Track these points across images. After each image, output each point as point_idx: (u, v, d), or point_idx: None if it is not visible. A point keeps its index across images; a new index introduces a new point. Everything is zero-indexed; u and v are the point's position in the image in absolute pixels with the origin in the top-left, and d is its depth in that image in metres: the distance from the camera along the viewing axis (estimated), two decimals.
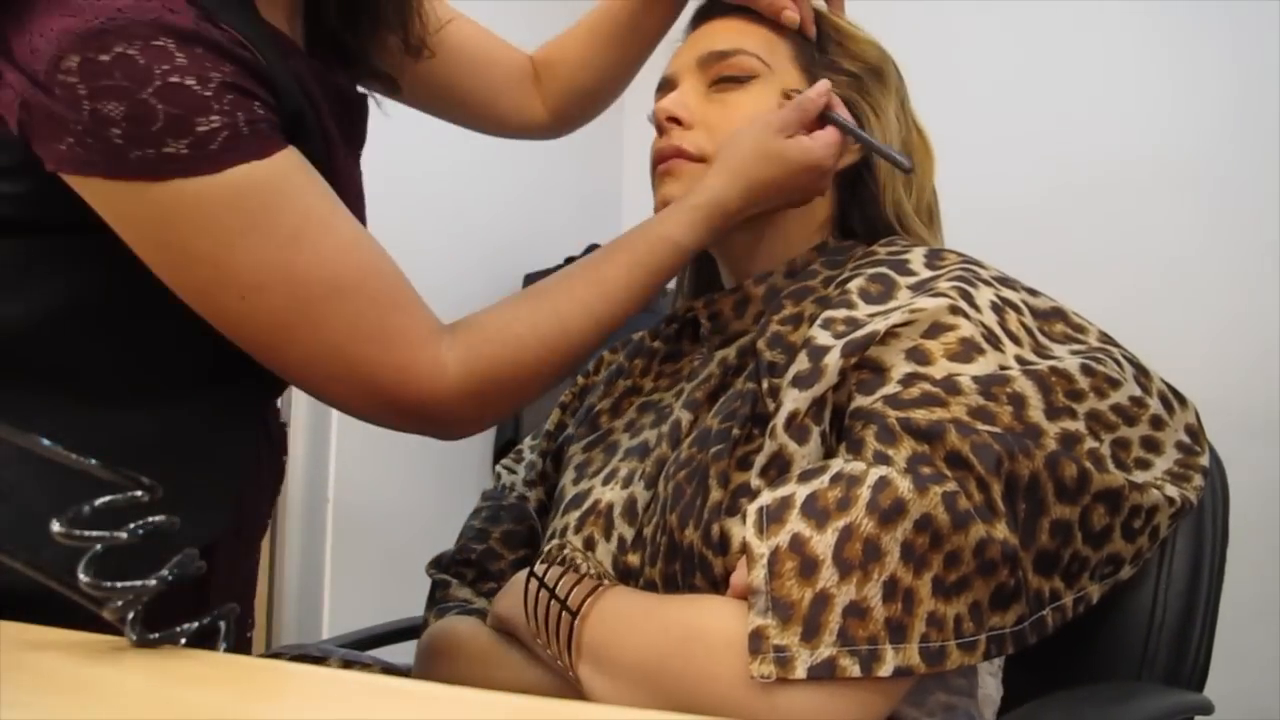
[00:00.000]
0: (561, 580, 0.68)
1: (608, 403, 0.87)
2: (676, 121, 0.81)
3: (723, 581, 0.62)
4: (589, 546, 0.74)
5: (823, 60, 0.83)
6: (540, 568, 0.70)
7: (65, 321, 0.69)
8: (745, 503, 0.61)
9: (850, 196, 0.83)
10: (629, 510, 0.73)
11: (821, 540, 0.56)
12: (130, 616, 0.46)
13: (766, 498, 0.59)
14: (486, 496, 0.95)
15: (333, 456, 1.96)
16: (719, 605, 0.60)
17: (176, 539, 0.49)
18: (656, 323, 0.91)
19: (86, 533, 0.45)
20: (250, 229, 0.64)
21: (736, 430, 0.67)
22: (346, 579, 1.97)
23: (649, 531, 0.70)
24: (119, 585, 0.45)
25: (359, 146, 0.84)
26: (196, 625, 0.48)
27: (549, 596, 0.67)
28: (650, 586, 0.68)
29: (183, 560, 0.48)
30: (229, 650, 0.49)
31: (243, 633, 0.87)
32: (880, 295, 0.68)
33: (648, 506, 0.72)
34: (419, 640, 0.83)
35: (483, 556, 0.88)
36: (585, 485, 0.79)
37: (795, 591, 0.55)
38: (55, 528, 0.45)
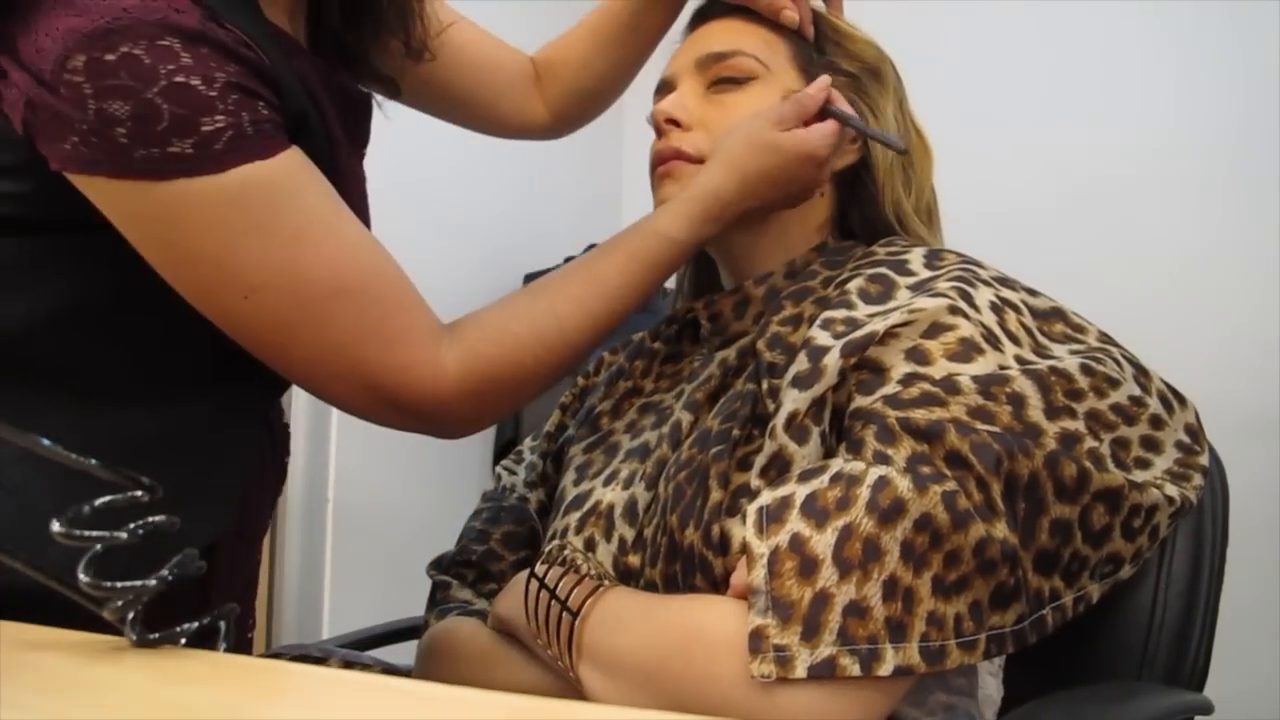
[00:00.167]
0: (562, 581, 0.68)
1: (608, 404, 0.87)
2: (675, 123, 0.81)
3: (723, 582, 0.63)
4: (590, 547, 0.74)
5: (821, 61, 0.83)
6: (541, 568, 0.70)
7: (69, 320, 0.69)
8: (745, 503, 0.61)
9: (849, 197, 0.83)
10: (630, 511, 0.73)
11: (821, 540, 0.56)
12: (130, 616, 0.46)
13: (766, 498, 0.59)
14: (487, 498, 0.96)
15: (333, 456, 1.96)
16: (719, 605, 0.60)
17: (178, 539, 0.49)
18: (657, 324, 0.91)
19: (86, 533, 0.45)
20: (254, 229, 0.64)
21: (737, 431, 0.67)
22: (346, 579, 1.97)
23: (649, 532, 0.70)
24: (119, 585, 0.45)
25: (363, 146, 0.85)
26: (196, 625, 0.48)
27: (549, 597, 0.67)
28: (651, 587, 0.68)
29: (183, 560, 0.48)
30: (229, 650, 0.49)
31: (243, 633, 0.87)
32: (880, 295, 0.68)
33: (648, 507, 0.72)
34: (419, 641, 0.83)
35: (483, 558, 0.88)
36: (586, 486, 0.79)
37: (795, 591, 0.55)
38: (55, 528, 0.45)
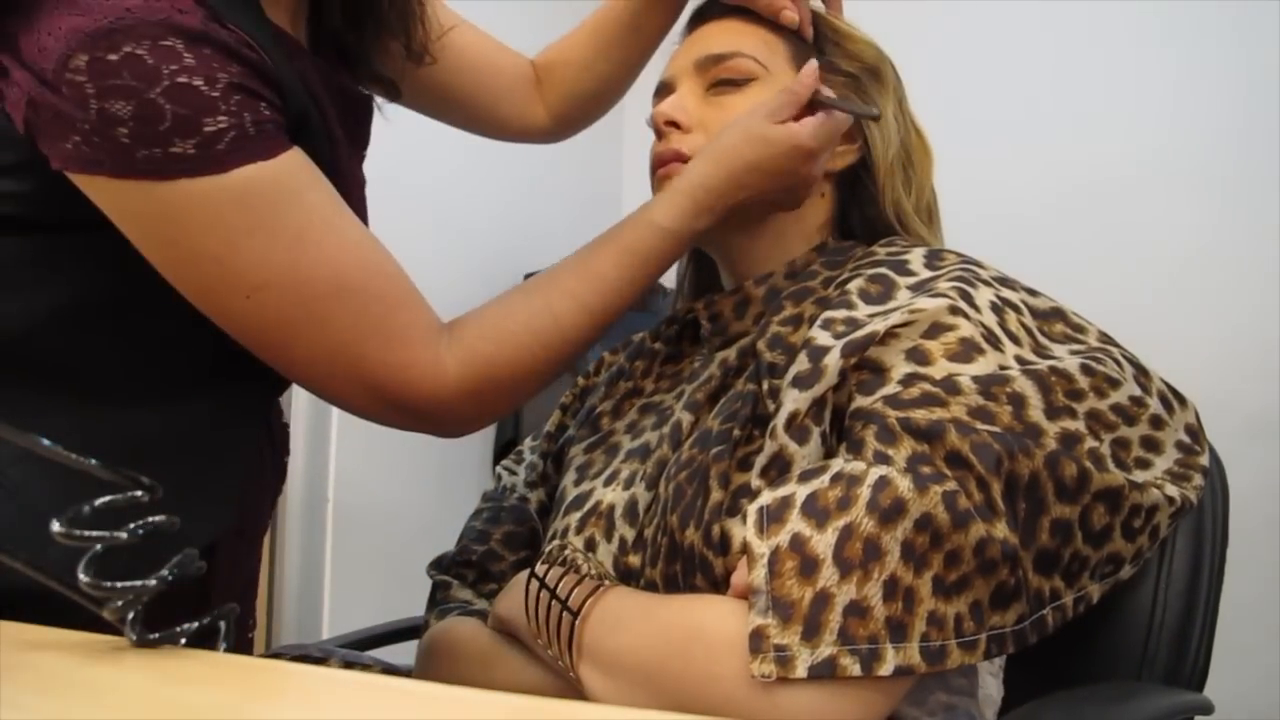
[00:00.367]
0: (562, 581, 0.68)
1: (609, 404, 0.87)
2: (675, 125, 0.81)
3: (723, 582, 0.63)
4: (590, 547, 0.74)
5: (820, 61, 0.83)
6: (541, 568, 0.70)
7: (69, 320, 0.69)
8: (746, 503, 0.61)
9: (850, 197, 0.83)
10: (630, 511, 0.73)
11: (822, 540, 0.56)
12: (130, 616, 0.46)
13: (767, 498, 0.59)
14: (487, 498, 0.96)
15: (333, 456, 1.96)
16: (719, 605, 0.60)
17: (179, 538, 0.49)
18: (657, 324, 0.91)
19: (86, 533, 0.45)
20: (256, 228, 0.64)
21: (737, 431, 0.67)
22: (346, 579, 1.97)
23: (650, 532, 0.70)
24: (119, 585, 0.45)
25: (363, 147, 0.85)
26: (196, 625, 0.48)
27: (550, 597, 0.67)
28: (651, 587, 0.68)
29: (183, 560, 0.48)
30: (229, 650, 0.49)
31: (243, 633, 0.87)
32: (880, 296, 0.68)
33: (649, 507, 0.72)
34: (420, 641, 0.83)
35: (484, 558, 0.88)
36: (586, 486, 0.79)
37: (796, 591, 0.55)
38: (55, 528, 0.45)
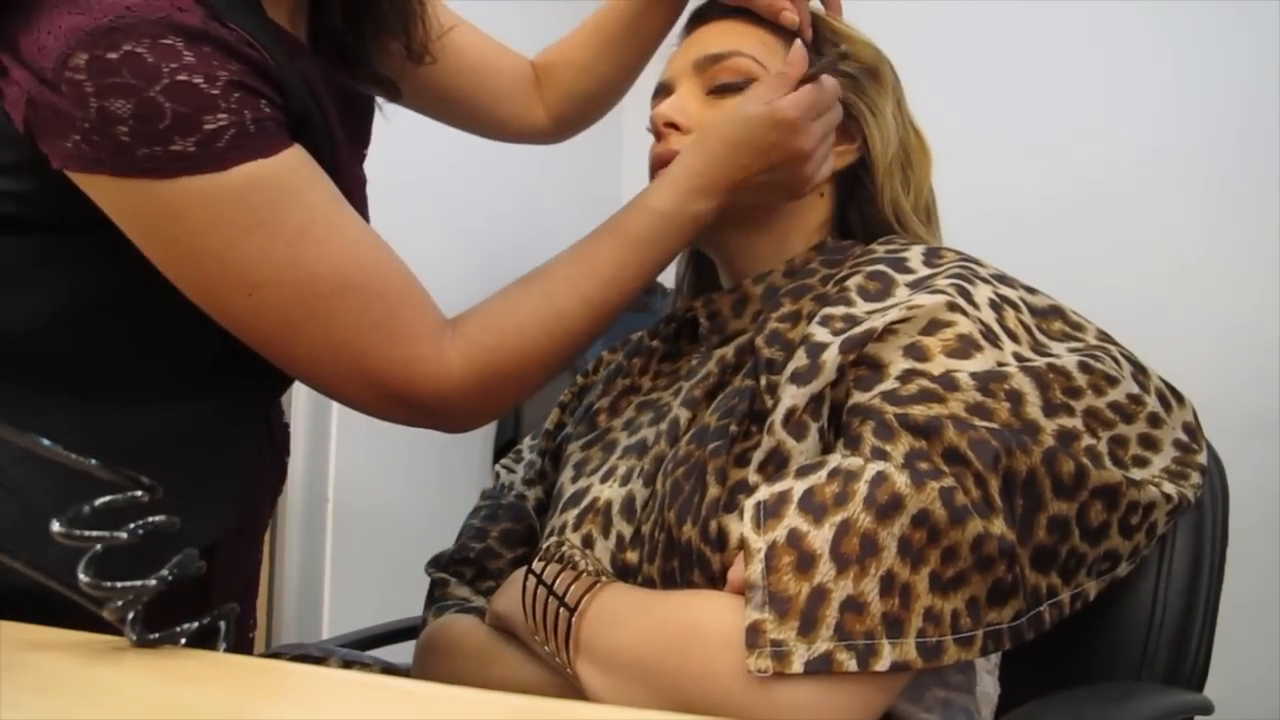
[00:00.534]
0: (560, 577, 0.68)
1: (606, 401, 0.87)
2: (674, 126, 0.82)
3: (721, 577, 0.63)
4: (587, 544, 0.74)
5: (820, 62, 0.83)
6: (538, 565, 0.70)
7: (70, 319, 0.69)
8: (743, 499, 0.61)
9: (849, 196, 0.84)
10: (627, 508, 0.73)
11: (819, 535, 0.56)
12: (130, 616, 0.46)
13: (764, 493, 0.59)
14: (485, 495, 0.96)
15: (333, 456, 1.96)
16: (716, 600, 0.60)
17: (179, 539, 0.49)
18: (655, 323, 0.92)
19: (86, 533, 0.45)
20: (256, 226, 0.64)
21: (734, 427, 0.67)
22: (346, 579, 1.97)
23: (647, 529, 0.70)
24: (119, 585, 0.45)
25: (364, 146, 0.85)
26: (196, 625, 0.48)
27: (547, 593, 0.67)
28: (648, 583, 0.69)
29: (183, 560, 0.48)
30: (229, 650, 0.49)
31: (244, 633, 0.87)
32: (878, 293, 0.68)
33: (646, 504, 0.72)
34: (417, 639, 0.83)
35: (481, 555, 0.88)
36: (584, 483, 0.79)
37: (792, 586, 0.55)
38: (55, 527, 0.45)
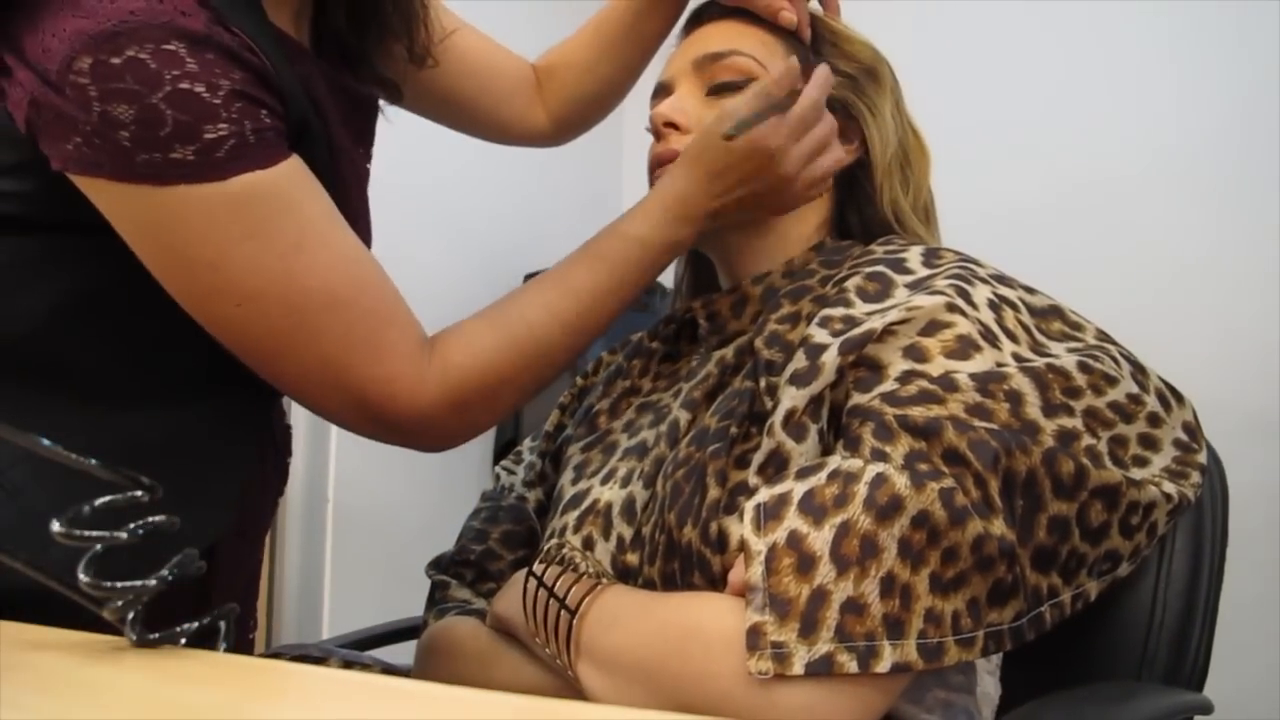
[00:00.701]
0: (560, 579, 0.68)
1: (606, 403, 0.87)
2: (673, 126, 0.82)
3: (721, 579, 0.63)
4: (588, 546, 0.74)
5: (818, 62, 0.83)
6: (539, 567, 0.70)
7: (70, 320, 0.69)
8: (743, 500, 0.61)
9: (847, 197, 0.84)
10: (627, 509, 0.73)
11: (819, 537, 0.56)
12: (130, 616, 0.46)
13: (764, 495, 0.59)
14: (486, 497, 0.96)
15: (333, 457, 1.96)
16: (717, 602, 0.60)
17: (179, 539, 0.49)
18: (655, 324, 0.92)
19: (86, 533, 0.45)
20: (251, 237, 0.64)
21: (734, 429, 0.67)
22: (346, 579, 1.97)
23: (647, 530, 0.70)
24: (119, 585, 0.45)
25: (369, 145, 0.85)
26: (196, 625, 0.48)
27: (548, 595, 0.67)
28: (649, 585, 0.69)
29: (183, 560, 0.48)
30: (229, 650, 0.49)
31: (244, 633, 0.87)
32: (878, 294, 0.68)
33: (646, 506, 0.72)
34: (418, 640, 0.83)
35: (482, 557, 0.88)
36: (584, 485, 0.79)
37: (793, 588, 0.55)
38: (55, 527, 0.45)
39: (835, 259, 0.79)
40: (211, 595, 0.76)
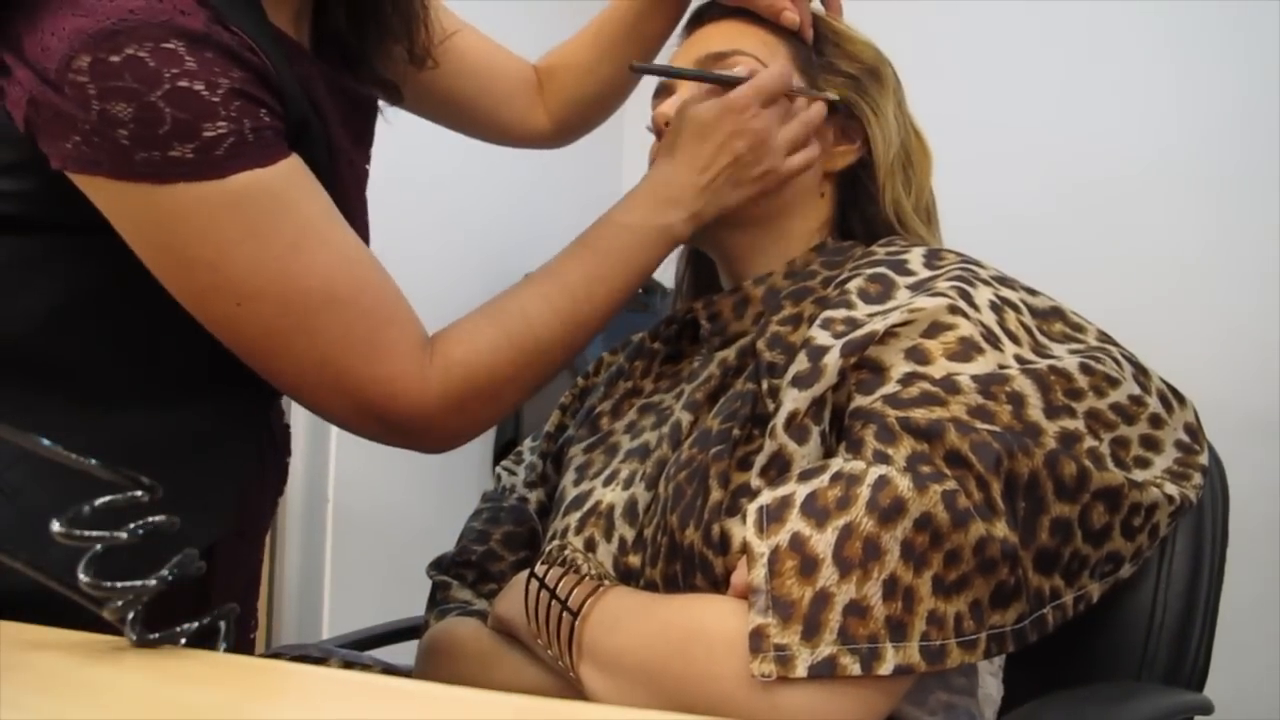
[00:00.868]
0: (562, 581, 0.68)
1: (608, 404, 0.87)
2: None
3: (723, 581, 0.63)
4: (590, 547, 0.74)
5: (820, 62, 0.83)
6: (541, 568, 0.70)
7: (69, 320, 0.69)
8: (745, 503, 0.61)
9: (849, 197, 0.83)
10: (630, 511, 0.73)
11: (821, 539, 0.56)
12: (130, 616, 0.46)
13: (766, 497, 0.59)
14: (487, 498, 0.96)
15: (333, 457, 1.96)
16: (719, 605, 0.60)
17: (179, 539, 0.49)
18: (656, 324, 0.91)
19: (86, 533, 0.45)
20: (249, 236, 0.64)
21: (736, 431, 0.67)
22: (346, 579, 1.97)
23: (650, 532, 0.70)
24: (119, 585, 0.45)
25: (369, 145, 0.84)
26: (196, 625, 0.48)
27: (550, 597, 0.67)
28: (651, 587, 0.68)
29: (183, 560, 0.48)
30: (229, 650, 0.49)
31: (245, 633, 0.87)
32: (879, 295, 0.68)
33: (648, 507, 0.72)
34: (419, 641, 0.83)
35: (483, 558, 0.88)
36: (586, 486, 0.79)
37: (795, 590, 0.55)
38: (55, 527, 0.45)
39: (837, 260, 0.78)
40: (211, 595, 0.76)
